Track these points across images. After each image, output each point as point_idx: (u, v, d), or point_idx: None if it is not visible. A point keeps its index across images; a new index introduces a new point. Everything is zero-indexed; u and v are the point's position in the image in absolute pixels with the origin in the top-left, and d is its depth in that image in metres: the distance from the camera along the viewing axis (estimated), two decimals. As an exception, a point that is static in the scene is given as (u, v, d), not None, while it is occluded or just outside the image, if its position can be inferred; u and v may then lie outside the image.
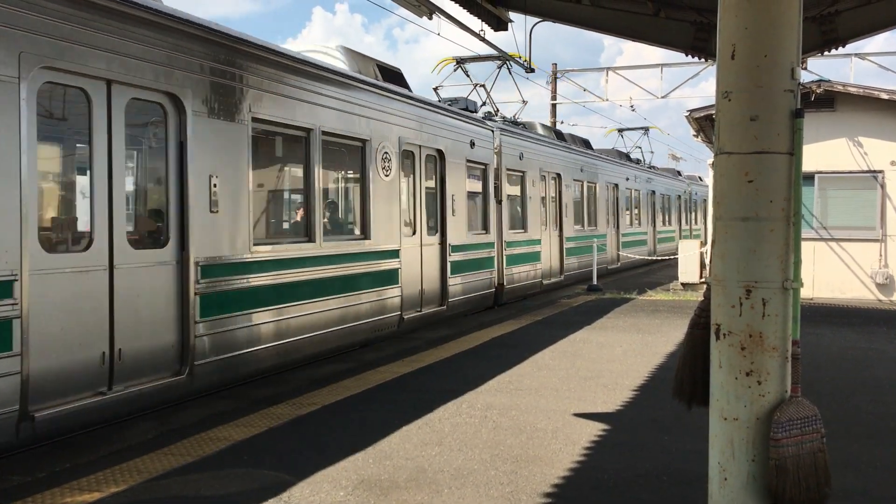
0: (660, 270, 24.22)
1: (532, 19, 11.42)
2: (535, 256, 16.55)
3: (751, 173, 3.51)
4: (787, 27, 3.50)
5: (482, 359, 9.12)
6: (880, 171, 15.30)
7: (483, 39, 10.87)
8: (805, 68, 16.34)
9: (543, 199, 17.32)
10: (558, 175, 18.26)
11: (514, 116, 17.87)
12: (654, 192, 28.23)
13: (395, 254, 10.74)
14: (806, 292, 14.08)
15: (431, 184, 12.29)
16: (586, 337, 10.65)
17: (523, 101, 20.71)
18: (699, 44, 8.82)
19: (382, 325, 10.45)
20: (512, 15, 9.87)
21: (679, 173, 33.15)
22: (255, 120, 7.95)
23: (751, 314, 3.50)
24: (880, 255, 15.32)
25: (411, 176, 11.63)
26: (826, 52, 8.85)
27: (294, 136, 9.10)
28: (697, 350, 3.88)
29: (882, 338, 10.76)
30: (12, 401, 5.45)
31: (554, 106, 30.35)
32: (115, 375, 6.33)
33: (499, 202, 14.64)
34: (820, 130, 15.15)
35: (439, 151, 12.27)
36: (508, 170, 15.23)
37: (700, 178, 38.80)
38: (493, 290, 14.32)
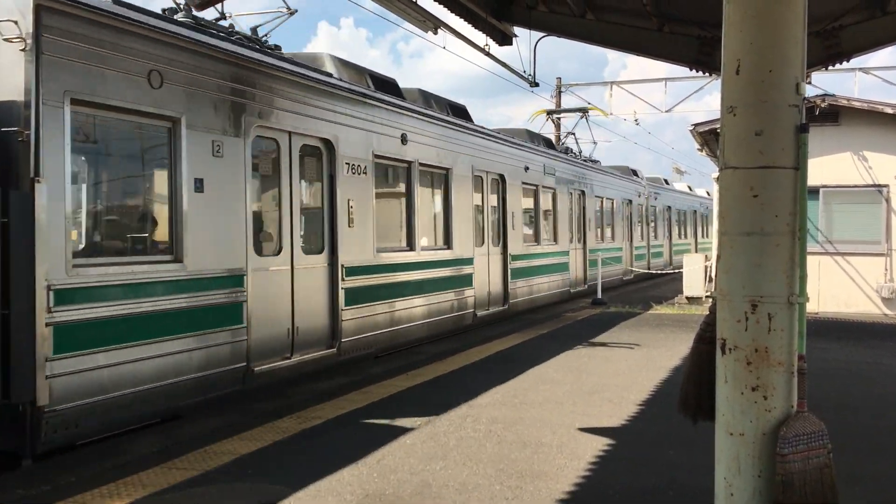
0: (664, 284, 24.19)
1: (536, 34, 11.47)
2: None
3: (756, 188, 3.52)
4: (792, 42, 3.51)
5: (486, 372, 9.10)
6: (885, 186, 15.29)
7: (488, 54, 10.91)
8: (809, 83, 16.38)
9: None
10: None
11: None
12: (583, 192, 20.25)
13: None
14: (811, 307, 14.03)
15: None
16: (591, 351, 10.63)
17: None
18: (703, 58, 8.86)
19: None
20: (516, 30, 9.93)
21: (636, 173, 27.03)
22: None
23: (756, 329, 3.49)
24: (886, 270, 15.28)
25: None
26: (830, 67, 8.89)
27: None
28: (703, 365, 3.88)
29: (888, 352, 10.72)
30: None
31: (558, 119, 30.38)
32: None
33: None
34: (824, 145, 15.15)
35: None
36: None
37: (665, 180, 32.99)
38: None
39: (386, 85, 11.39)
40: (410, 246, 11.44)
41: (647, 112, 28.67)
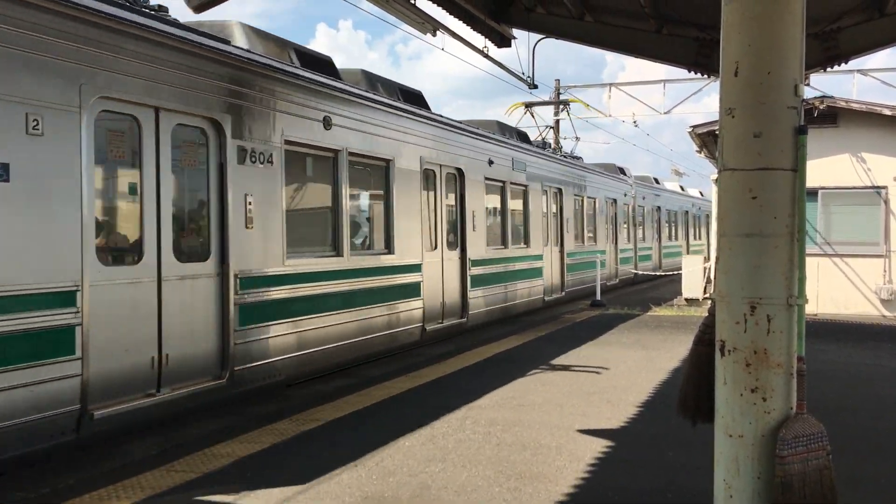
0: (663, 286, 24.18)
1: (535, 36, 11.50)
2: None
3: (755, 189, 3.52)
4: (791, 44, 3.52)
5: (486, 374, 9.10)
6: (884, 187, 15.30)
7: (486, 56, 10.93)
8: (808, 84, 16.38)
9: None
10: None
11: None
12: (560, 190, 18.73)
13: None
14: (810, 308, 13.99)
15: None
16: (590, 352, 10.63)
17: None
18: (702, 60, 8.86)
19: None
20: (515, 32, 9.93)
21: (623, 171, 25.39)
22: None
23: (755, 330, 3.49)
24: (884, 271, 15.29)
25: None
26: (829, 69, 8.89)
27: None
28: (702, 366, 3.88)
29: (887, 353, 10.73)
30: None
31: (557, 121, 30.43)
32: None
33: None
34: (823, 146, 15.17)
35: None
36: None
37: (655, 179, 30.67)
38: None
39: (317, 62, 9.72)
40: (336, 251, 9.64)
41: (645, 114, 28.68)
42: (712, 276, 13.46)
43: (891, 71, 30.59)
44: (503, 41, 9.76)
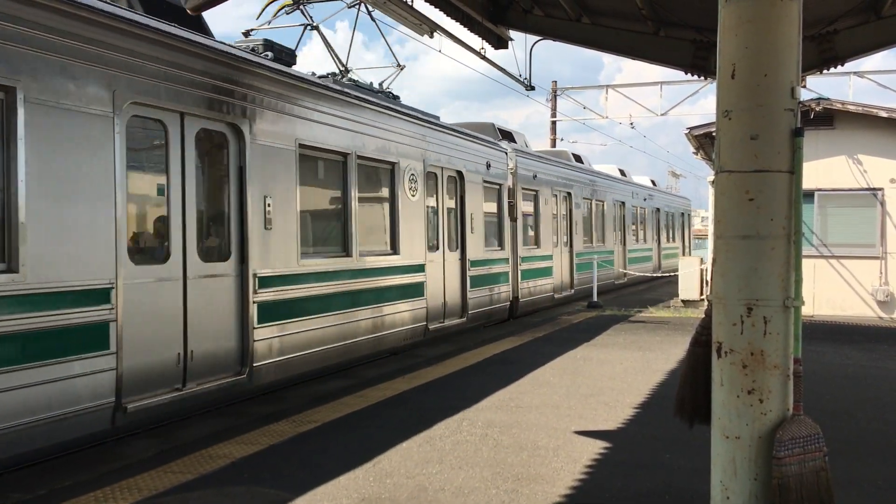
0: (660, 287, 24.21)
1: (532, 37, 11.50)
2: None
3: (751, 191, 3.53)
4: (787, 47, 3.53)
5: (483, 376, 9.10)
6: (880, 189, 15.33)
7: (484, 57, 10.94)
8: (804, 86, 16.42)
9: None
10: None
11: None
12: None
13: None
14: (806, 310, 14.07)
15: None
16: (587, 354, 10.64)
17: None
18: (699, 62, 8.89)
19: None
20: (512, 33, 9.95)
21: (579, 159, 21.96)
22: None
23: (752, 332, 3.51)
24: (881, 273, 15.32)
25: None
26: (825, 71, 8.92)
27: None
28: (699, 368, 3.89)
29: (883, 355, 10.74)
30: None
31: (554, 123, 30.48)
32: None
33: None
34: (819, 148, 15.20)
35: None
36: None
37: (622, 171, 26.33)
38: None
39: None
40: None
41: (642, 115, 28.75)
42: (709, 278, 13.52)
43: (887, 73, 30.71)
44: (500, 43, 9.78)
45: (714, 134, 3.79)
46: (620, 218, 24.00)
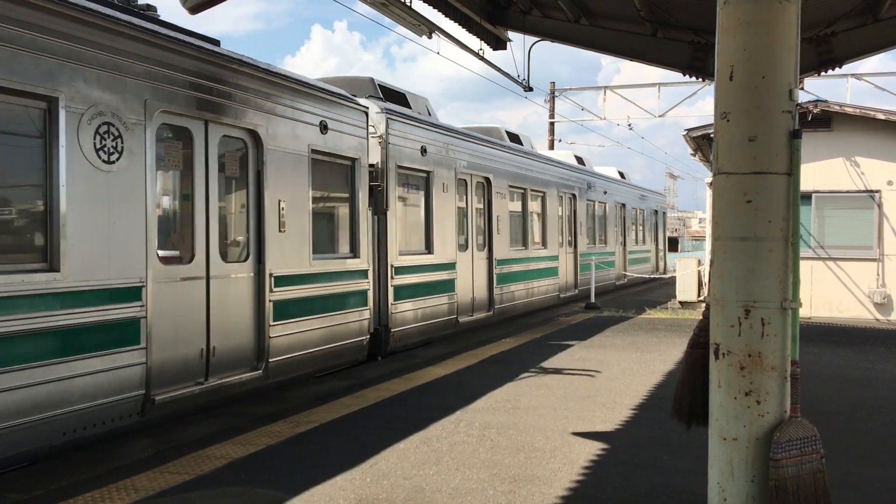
0: (658, 289, 24.23)
1: (531, 38, 11.50)
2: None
3: (749, 193, 3.53)
4: (785, 49, 3.53)
5: (480, 376, 9.10)
6: (877, 191, 15.36)
7: (482, 58, 10.94)
8: (802, 88, 16.44)
9: None
10: None
11: None
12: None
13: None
14: (804, 311, 14.06)
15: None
16: (584, 355, 10.64)
17: None
18: (697, 63, 8.90)
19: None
20: (511, 34, 9.95)
21: (518, 139, 17.26)
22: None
23: (750, 334, 3.51)
24: (877, 275, 15.35)
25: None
26: (823, 73, 8.93)
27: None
28: (697, 370, 3.89)
29: (880, 357, 10.76)
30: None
31: (552, 124, 30.50)
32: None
33: None
34: (817, 150, 15.23)
35: None
36: None
37: (579, 158, 22.24)
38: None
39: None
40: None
41: (640, 117, 28.73)
42: (706, 280, 13.56)
43: (884, 75, 30.80)
44: (499, 44, 9.79)
45: (712, 135, 3.80)
46: (569, 215, 19.49)
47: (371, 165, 10.61)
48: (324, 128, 9.32)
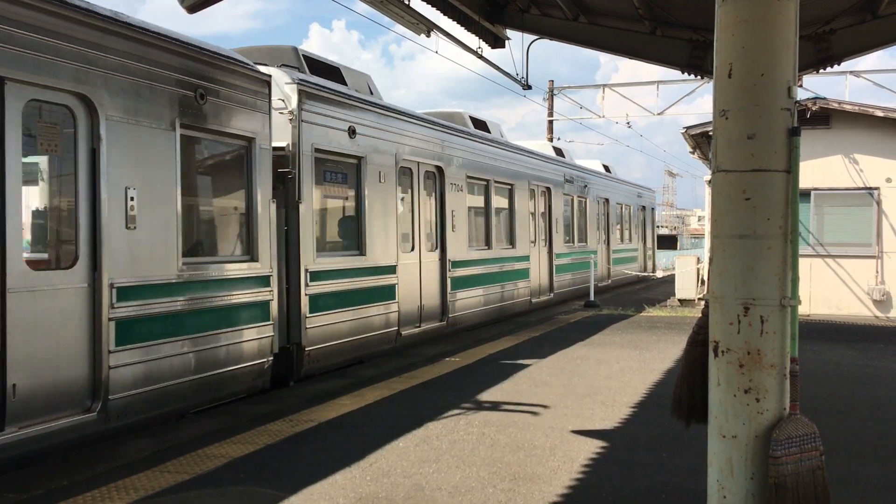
0: (657, 287, 24.23)
1: (529, 37, 11.52)
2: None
3: (748, 191, 3.53)
4: (784, 46, 3.53)
5: (479, 375, 9.10)
6: (876, 188, 15.37)
7: (481, 57, 10.94)
8: (801, 86, 16.44)
9: None
10: None
11: None
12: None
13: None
14: (803, 309, 14.07)
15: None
16: (584, 353, 10.64)
17: None
18: (695, 61, 8.90)
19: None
20: (509, 32, 9.95)
21: (483, 126, 15.37)
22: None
23: (749, 331, 3.51)
24: (876, 272, 15.35)
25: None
26: (821, 70, 8.93)
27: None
28: (696, 367, 3.89)
29: (879, 354, 10.77)
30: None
31: (551, 122, 30.50)
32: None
33: None
34: (816, 147, 15.23)
35: None
36: None
37: (558, 150, 20.47)
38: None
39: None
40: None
41: (639, 115, 28.74)
42: (705, 277, 13.56)
43: (883, 72, 30.82)
44: (497, 42, 9.79)
45: (711, 133, 3.80)
46: (543, 211, 17.69)
47: (278, 148, 8.76)
48: (200, 97, 7.43)
